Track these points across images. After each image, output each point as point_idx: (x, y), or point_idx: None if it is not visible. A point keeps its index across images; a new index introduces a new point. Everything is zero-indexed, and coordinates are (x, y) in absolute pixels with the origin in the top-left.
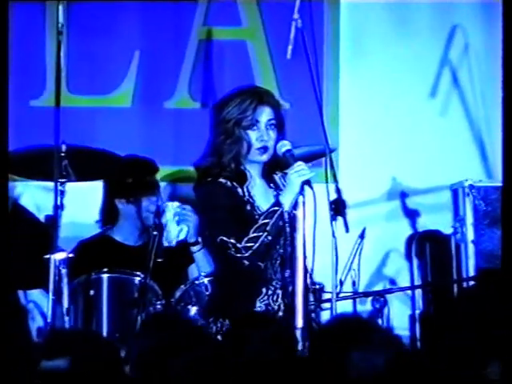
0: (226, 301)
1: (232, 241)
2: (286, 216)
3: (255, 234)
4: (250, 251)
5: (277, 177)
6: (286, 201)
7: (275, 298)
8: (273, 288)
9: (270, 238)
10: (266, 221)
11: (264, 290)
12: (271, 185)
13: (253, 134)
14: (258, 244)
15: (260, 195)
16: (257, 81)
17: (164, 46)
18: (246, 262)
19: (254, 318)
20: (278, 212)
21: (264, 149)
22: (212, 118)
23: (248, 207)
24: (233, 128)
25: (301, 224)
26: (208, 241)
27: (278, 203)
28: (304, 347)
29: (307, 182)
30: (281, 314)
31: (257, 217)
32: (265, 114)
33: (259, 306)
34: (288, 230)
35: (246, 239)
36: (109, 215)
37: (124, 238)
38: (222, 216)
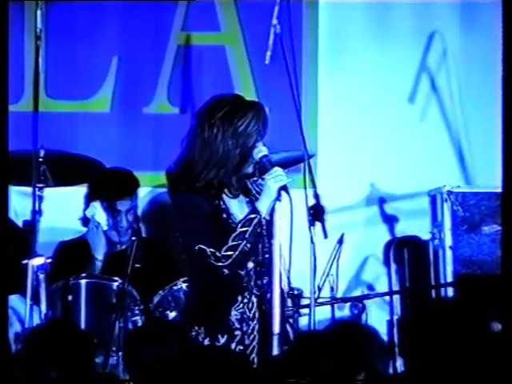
0: (202, 308)
1: (211, 249)
2: (263, 223)
3: (234, 243)
4: (229, 260)
5: (248, 183)
6: (263, 207)
7: (250, 306)
8: (248, 296)
9: (248, 245)
10: (245, 229)
11: (239, 298)
12: (244, 192)
13: (255, 148)
14: (237, 252)
15: (233, 202)
16: (235, 86)
17: (143, 51)
18: (226, 271)
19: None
20: (256, 219)
21: (255, 159)
22: (217, 127)
23: (224, 215)
24: (252, 143)
25: (277, 230)
26: (183, 248)
27: (255, 210)
28: (281, 353)
29: (284, 188)
30: (255, 322)
31: (233, 225)
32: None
33: (234, 314)
34: (266, 236)
35: (225, 248)
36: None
37: (99, 245)
38: (200, 224)
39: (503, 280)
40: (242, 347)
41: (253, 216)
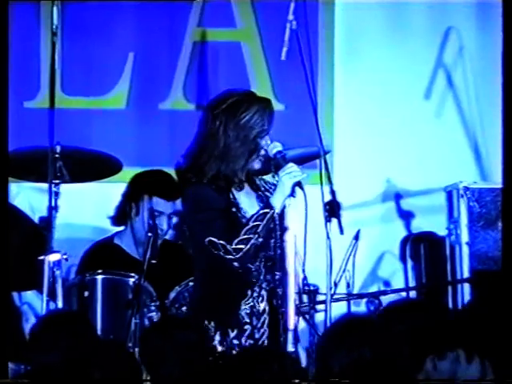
0: (211, 303)
1: (222, 242)
2: (276, 218)
3: (246, 236)
4: (240, 253)
5: (257, 180)
6: (277, 202)
7: (260, 300)
8: (258, 290)
9: (260, 240)
10: (257, 223)
11: (249, 292)
12: (254, 187)
13: (262, 143)
14: (248, 246)
15: (244, 198)
16: (251, 82)
17: (158, 47)
18: (236, 264)
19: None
20: (269, 214)
21: (262, 157)
22: (220, 121)
23: (234, 209)
24: (254, 137)
25: (292, 226)
26: (192, 242)
27: (268, 205)
28: (296, 348)
29: (298, 184)
30: (265, 316)
31: (243, 219)
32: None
33: (244, 308)
34: (278, 231)
35: (236, 241)
36: (121, 216)
37: (131, 247)
38: (210, 217)
39: (505, 276)
40: (252, 341)
41: (266, 210)
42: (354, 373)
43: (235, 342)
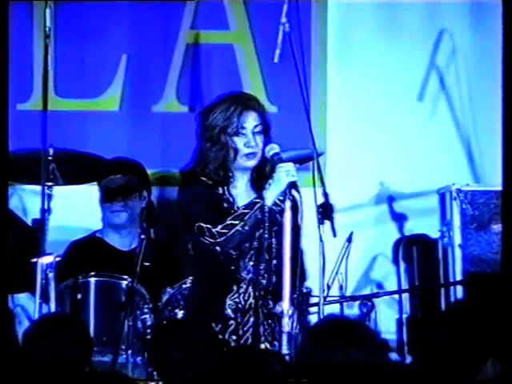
0: (198, 296)
1: (208, 226)
2: (266, 210)
3: (232, 222)
4: (223, 237)
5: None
6: (270, 195)
7: (246, 296)
8: (245, 286)
9: (246, 228)
10: (245, 211)
11: (235, 287)
12: (259, 192)
13: (239, 141)
14: (232, 231)
15: (242, 198)
16: (244, 85)
17: (152, 49)
18: (218, 249)
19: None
20: (259, 204)
21: (252, 154)
22: (198, 124)
23: (225, 204)
24: (218, 135)
25: (288, 229)
26: (188, 237)
27: (260, 196)
28: (290, 350)
29: (294, 186)
30: (251, 312)
31: (233, 212)
32: (251, 120)
33: (229, 303)
34: (267, 224)
35: (221, 225)
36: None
37: (114, 240)
38: (200, 208)
39: (504, 278)
40: (235, 337)
41: (257, 201)
42: (337, 372)
43: (219, 336)
